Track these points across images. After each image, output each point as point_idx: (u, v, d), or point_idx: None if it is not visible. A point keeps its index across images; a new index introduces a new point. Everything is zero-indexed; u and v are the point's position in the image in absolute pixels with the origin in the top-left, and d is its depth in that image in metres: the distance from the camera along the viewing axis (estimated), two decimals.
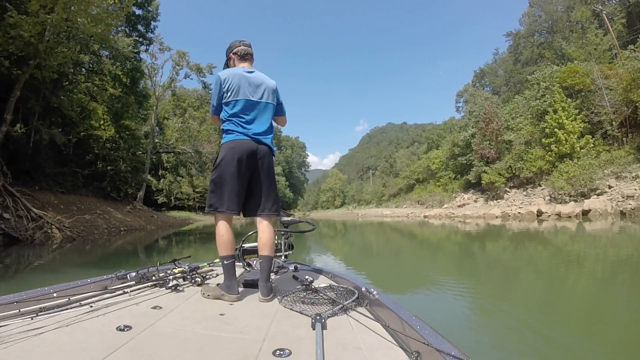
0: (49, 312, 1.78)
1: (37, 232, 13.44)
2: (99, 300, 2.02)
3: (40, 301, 1.86)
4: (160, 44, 33.39)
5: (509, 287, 5.90)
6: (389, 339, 1.57)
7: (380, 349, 1.48)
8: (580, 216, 21.12)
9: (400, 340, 1.53)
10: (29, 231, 13.28)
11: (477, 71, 70.54)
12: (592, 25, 42.16)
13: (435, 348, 1.26)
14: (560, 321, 3.88)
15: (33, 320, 1.66)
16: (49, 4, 13.09)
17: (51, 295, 1.95)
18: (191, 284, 2.57)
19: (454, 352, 1.22)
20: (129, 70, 25.29)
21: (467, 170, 42.22)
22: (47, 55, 14.27)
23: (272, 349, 1.45)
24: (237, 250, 3.26)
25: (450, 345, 1.28)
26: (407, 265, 9.39)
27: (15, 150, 17.27)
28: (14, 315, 1.72)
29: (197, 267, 2.90)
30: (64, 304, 1.90)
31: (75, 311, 1.83)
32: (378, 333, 1.62)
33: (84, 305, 1.91)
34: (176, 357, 1.36)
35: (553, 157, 30.75)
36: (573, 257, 8.79)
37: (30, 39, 12.99)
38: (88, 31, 15.27)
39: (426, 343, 1.32)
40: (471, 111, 44.80)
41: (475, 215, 30.09)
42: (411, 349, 1.42)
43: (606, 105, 30.45)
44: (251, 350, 1.44)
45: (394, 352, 1.45)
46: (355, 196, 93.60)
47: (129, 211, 25.47)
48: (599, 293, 5.30)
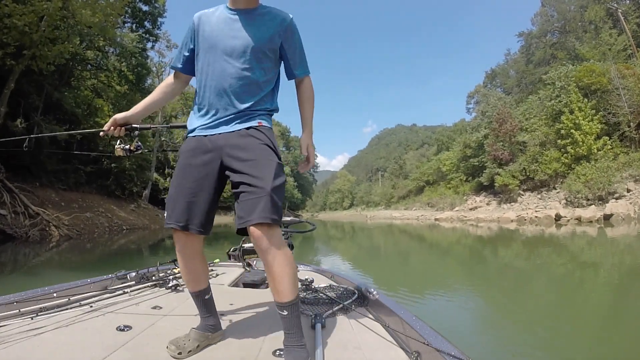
0: (49, 312, 1.78)
1: (32, 229, 12.99)
2: (99, 300, 2.01)
3: (40, 301, 1.86)
4: (167, 41, 33.11)
5: (517, 293, 5.69)
6: (389, 339, 1.56)
7: (380, 349, 1.47)
8: (601, 221, 20.16)
9: (400, 340, 1.52)
10: (25, 228, 12.85)
11: (489, 72, 69.66)
12: (605, 25, 41.38)
13: (435, 348, 1.26)
14: (567, 329, 3.82)
15: (33, 320, 1.66)
16: None
17: (51, 295, 1.95)
18: None
19: (454, 352, 1.21)
20: (134, 66, 25.03)
21: (479, 172, 41.25)
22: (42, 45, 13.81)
23: (272, 349, 1.45)
24: (237, 251, 3.16)
25: (450, 345, 1.28)
26: (415, 268, 9.24)
27: (15, 145, 16.88)
28: (14, 315, 1.71)
29: None
30: (64, 304, 1.89)
31: (75, 311, 1.82)
32: (378, 333, 1.62)
33: (84, 305, 1.90)
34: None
35: (569, 159, 29.82)
36: (590, 264, 8.34)
37: (25, 28, 12.53)
38: (86, 21, 14.80)
39: (426, 343, 1.32)
40: (484, 112, 43.92)
41: (488, 219, 29.18)
42: (411, 349, 1.41)
43: (624, 105, 29.48)
44: (251, 350, 1.44)
45: (394, 352, 1.44)
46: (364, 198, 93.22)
47: (133, 210, 25.04)
48: (613, 303, 5.02)
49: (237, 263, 3.25)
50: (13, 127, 15.85)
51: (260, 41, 1.55)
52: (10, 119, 15.96)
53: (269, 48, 1.57)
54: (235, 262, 3.31)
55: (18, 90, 16.06)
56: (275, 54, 1.62)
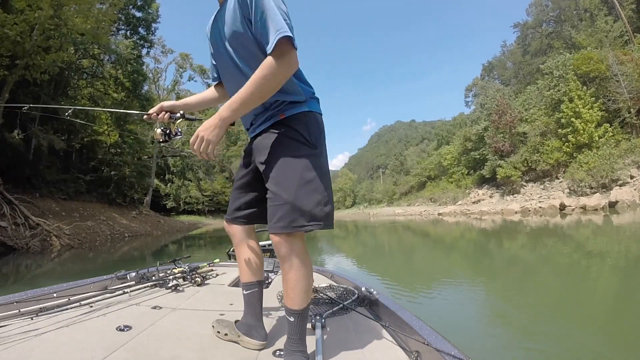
0: (49, 312, 1.77)
1: (33, 240, 12.92)
2: (99, 300, 2.00)
3: (40, 301, 1.85)
4: (162, 46, 33.08)
5: (521, 289, 5.53)
6: (389, 339, 1.56)
7: (380, 349, 1.47)
8: (607, 208, 20.00)
9: (400, 340, 1.52)
10: (26, 239, 12.77)
11: (486, 64, 69.80)
12: (601, 12, 41.40)
13: (435, 348, 1.26)
14: (571, 325, 3.70)
15: (33, 321, 1.65)
16: (36, 2, 12.54)
17: (51, 296, 1.94)
18: (191, 284, 2.55)
19: (453, 352, 1.21)
20: (130, 73, 24.96)
21: (481, 165, 41.14)
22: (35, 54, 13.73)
23: (272, 349, 1.45)
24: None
25: (450, 345, 1.27)
26: (418, 266, 9.12)
27: (14, 156, 16.82)
28: (14, 315, 1.71)
29: (197, 267, 2.91)
30: (64, 304, 1.88)
31: (75, 311, 1.81)
32: (378, 333, 1.62)
33: (84, 306, 1.89)
34: (176, 357, 1.35)
35: (571, 147, 29.71)
36: (596, 254, 8.16)
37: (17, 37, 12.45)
38: (78, 28, 14.72)
39: (426, 343, 1.31)
40: (483, 104, 43.80)
41: (492, 212, 29.00)
42: (411, 348, 1.41)
43: (623, 92, 29.37)
44: (251, 350, 1.44)
45: (393, 352, 1.44)
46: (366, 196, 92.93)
47: (134, 217, 24.97)
48: (620, 295, 4.85)
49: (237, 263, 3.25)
50: (10, 139, 15.78)
51: (230, 34, 1.37)
52: (7, 130, 15.87)
53: (243, 37, 1.34)
54: (236, 262, 3.26)
55: (14, 100, 15.97)
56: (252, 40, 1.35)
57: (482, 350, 2.96)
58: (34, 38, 13.42)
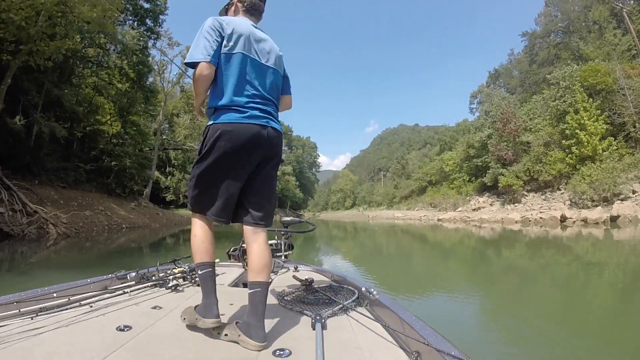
0: (49, 312, 1.78)
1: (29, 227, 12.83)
2: (99, 300, 2.01)
3: (40, 301, 1.85)
4: (169, 39, 32.87)
5: (520, 294, 5.65)
6: (389, 339, 1.56)
7: (380, 349, 1.47)
8: (608, 222, 19.84)
9: (400, 340, 1.53)
10: (22, 226, 12.68)
11: (492, 72, 69.46)
12: (610, 25, 41.18)
13: (435, 348, 1.26)
14: (569, 329, 3.80)
15: (33, 320, 1.66)
16: None
17: (51, 295, 1.94)
18: (191, 284, 2.54)
19: (454, 352, 1.21)
20: (135, 64, 24.85)
21: (483, 172, 40.90)
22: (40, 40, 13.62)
23: (272, 348, 1.45)
24: (237, 251, 3.26)
25: (450, 345, 1.27)
26: (416, 269, 9.19)
27: (14, 142, 16.73)
28: (14, 315, 1.71)
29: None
30: (64, 304, 1.89)
31: (75, 311, 1.82)
32: (378, 333, 1.62)
33: (84, 305, 1.90)
34: (176, 357, 1.35)
35: (574, 159, 29.51)
36: (594, 267, 8.19)
37: (22, 22, 12.33)
38: (84, 16, 14.62)
39: (426, 343, 1.31)
40: (487, 111, 43.55)
41: (492, 220, 28.84)
42: (411, 349, 1.41)
43: (629, 106, 29.19)
44: (251, 350, 1.44)
45: (394, 352, 1.44)
46: (366, 197, 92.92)
47: (133, 208, 24.87)
48: (618, 306, 4.94)
49: (237, 263, 3.30)
50: (12, 124, 15.68)
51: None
52: (9, 116, 15.77)
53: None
54: (235, 262, 3.37)
55: (17, 87, 15.88)
56: None
57: (480, 354, 2.95)
58: (39, 24, 13.32)
